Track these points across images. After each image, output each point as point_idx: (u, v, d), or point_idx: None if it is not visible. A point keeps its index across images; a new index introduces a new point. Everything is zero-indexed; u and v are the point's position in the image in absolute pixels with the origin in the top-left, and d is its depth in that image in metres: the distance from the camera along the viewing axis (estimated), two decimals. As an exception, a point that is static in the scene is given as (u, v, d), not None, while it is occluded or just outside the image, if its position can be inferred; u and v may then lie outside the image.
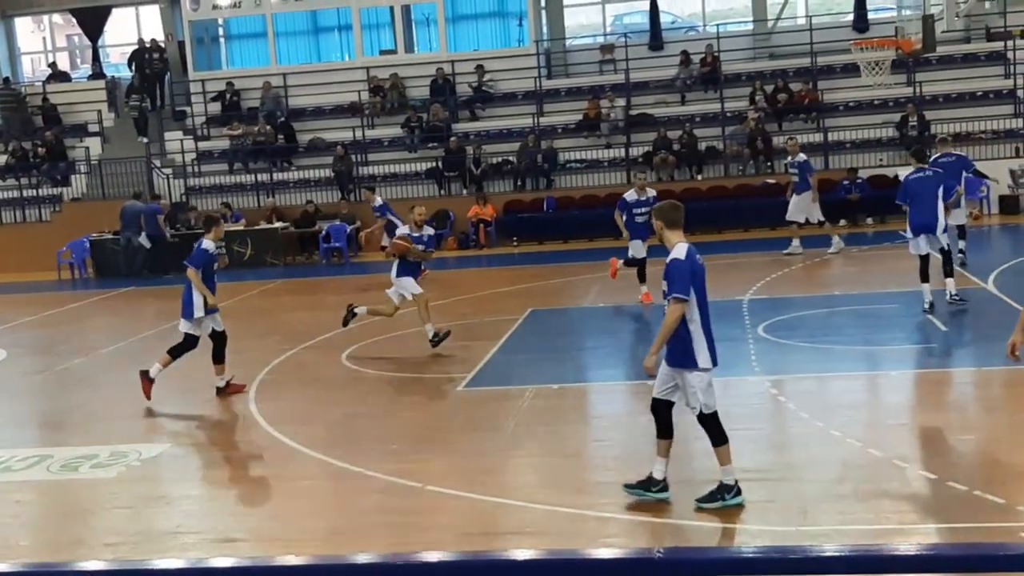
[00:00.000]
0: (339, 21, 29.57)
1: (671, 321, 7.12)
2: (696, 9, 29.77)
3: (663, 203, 7.60)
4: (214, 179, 26.53)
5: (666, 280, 7.23)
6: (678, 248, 7.23)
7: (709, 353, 7.25)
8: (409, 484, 8.26)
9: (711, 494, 7.28)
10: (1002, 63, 24.91)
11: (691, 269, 7.16)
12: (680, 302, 7.11)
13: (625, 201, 15.26)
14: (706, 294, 7.33)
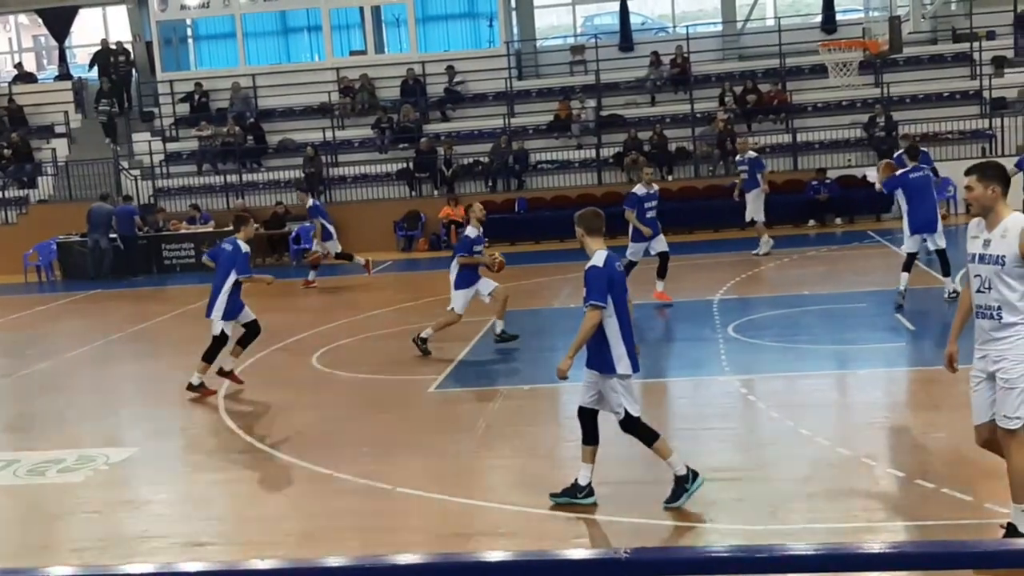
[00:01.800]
0: (308, 22, 29.44)
1: (587, 328, 7.17)
2: (666, 10, 29.87)
3: (584, 210, 7.65)
4: (183, 180, 26.36)
5: (586, 287, 7.29)
6: (597, 255, 7.28)
7: (629, 359, 7.26)
8: (380, 486, 8.23)
9: (673, 492, 7.31)
10: (968, 64, 25.16)
11: (609, 276, 7.22)
12: (597, 309, 7.14)
13: (636, 196, 14.65)
14: (626, 301, 7.38)
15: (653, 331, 13.74)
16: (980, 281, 6.08)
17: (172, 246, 23.81)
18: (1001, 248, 5.95)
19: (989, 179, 6.03)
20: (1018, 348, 5.98)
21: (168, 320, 17.55)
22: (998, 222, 6.01)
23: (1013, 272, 5.92)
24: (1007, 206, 6.08)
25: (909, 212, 13.53)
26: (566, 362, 7.29)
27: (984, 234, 6.08)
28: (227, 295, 11.42)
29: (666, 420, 10.13)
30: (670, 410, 10.58)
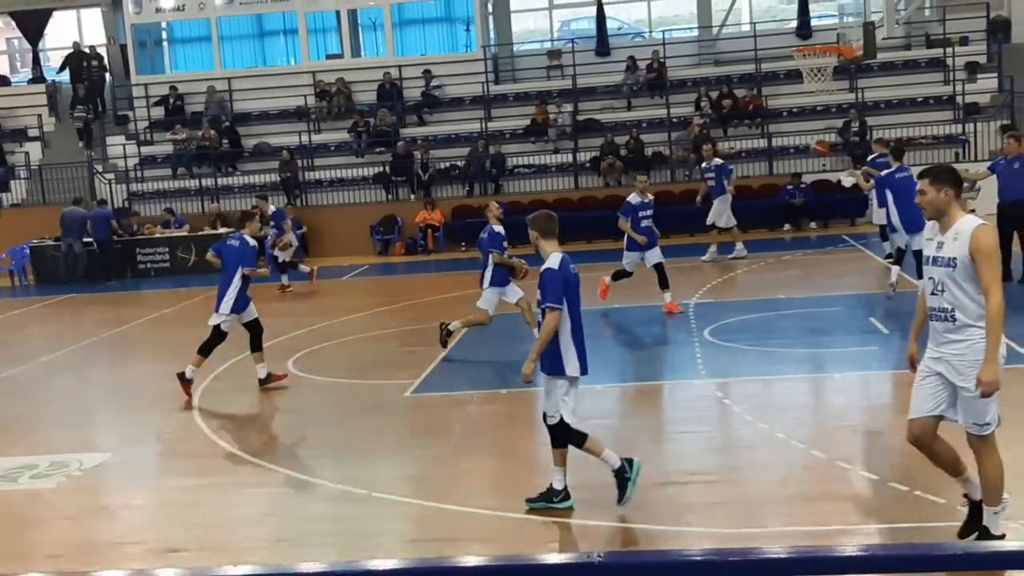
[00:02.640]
0: (284, 25, 29.38)
1: (547, 330, 7.20)
2: (642, 15, 29.96)
3: (538, 213, 7.70)
4: (157, 184, 26.23)
5: (540, 290, 7.33)
6: (552, 257, 7.33)
7: (579, 361, 7.30)
8: (356, 491, 8.21)
9: (619, 489, 7.37)
10: (941, 69, 25.37)
11: (564, 278, 7.26)
12: (555, 311, 7.19)
13: (630, 205, 14.47)
14: (579, 303, 7.44)
15: (630, 335, 13.77)
16: (934, 284, 6.12)
17: (147, 250, 23.68)
18: (953, 251, 5.99)
19: (942, 182, 6.07)
20: (974, 353, 5.99)
21: (142, 325, 17.45)
22: (951, 225, 6.05)
23: (965, 274, 5.95)
24: (960, 209, 6.13)
25: (897, 211, 13.85)
26: (529, 366, 7.31)
27: (938, 237, 6.11)
28: (236, 290, 11.50)
29: (643, 424, 10.16)
30: (646, 414, 10.60)
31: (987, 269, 5.92)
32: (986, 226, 6.04)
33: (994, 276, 5.94)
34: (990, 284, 5.91)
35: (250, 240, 11.68)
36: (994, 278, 5.93)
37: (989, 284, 5.91)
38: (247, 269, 11.52)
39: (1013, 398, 9.58)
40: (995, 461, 6.21)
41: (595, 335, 13.59)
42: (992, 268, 5.94)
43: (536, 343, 7.33)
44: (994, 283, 5.92)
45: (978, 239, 5.94)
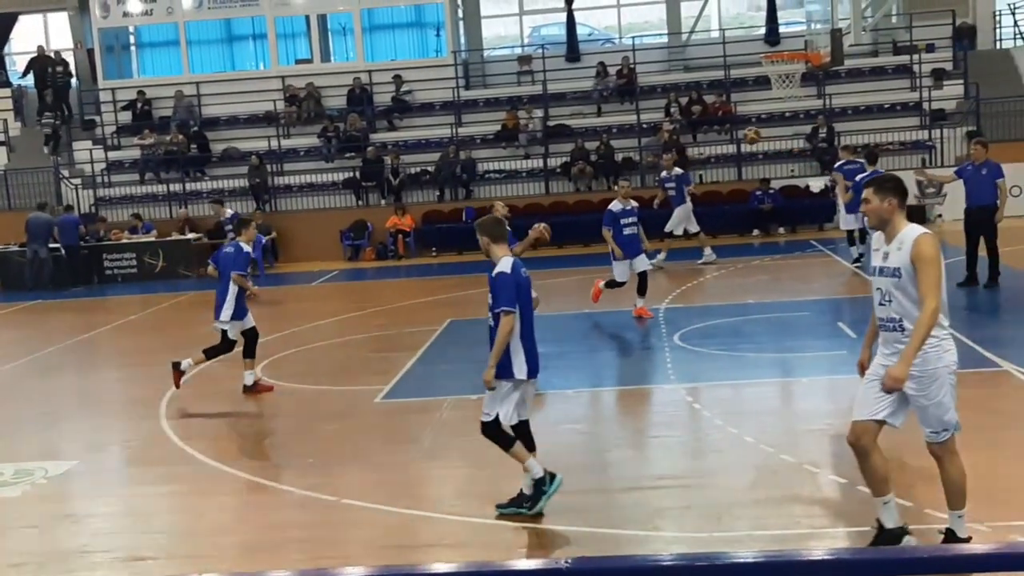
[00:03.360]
0: (253, 30, 29.26)
1: (504, 335, 7.20)
2: (612, 22, 30.06)
3: (486, 218, 7.73)
4: (125, 189, 26.03)
5: (492, 294, 7.33)
6: (503, 262, 7.34)
7: (527, 365, 7.31)
8: (324, 498, 8.16)
9: (531, 497, 7.37)
10: (908, 76, 25.63)
11: (516, 282, 7.28)
12: (509, 314, 7.20)
13: (612, 213, 14.21)
14: (531, 306, 7.46)
15: (601, 340, 13.79)
16: (881, 294, 6.12)
17: (114, 256, 23.48)
18: (897, 260, 5.98)
19: (886, 192, 6.07)
20: (926, 363, 5.98)
21: (109, 331, 17.29)
22: (895, 235, 6.04)
23: (910, 284, 5.94)
24: (904, 219, 6.11)
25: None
26: (490, 372, 7.28)
27: (883, 247, 6.11)
28: (234, 297, 11.47)
29: (613, 429, 10.17)
30: (617, 419, 10.62)
31: (925, 276, 5.89)
32: (928, 234, 6.03)
33: (932, 284, 5.88)
34: (927, 292, 5.87)
35: (244, 247, 11.64)
36: (931, 286, 5.88)
37: (926, 292, 5.87)
38: (235, 274, 11.45)
39: (980, 402, 9.69)
40: (957, 466, 6.24)
41: (565, 339, 13.63)
42: (930, 276, 5.89)
43: (494, 349, 7.29)
44: (931, 291, 5.87)
45: (918, 246, 5.93)
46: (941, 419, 6.09)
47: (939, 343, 6.04)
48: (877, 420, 6.17)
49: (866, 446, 6.22)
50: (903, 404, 6.17)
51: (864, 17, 21.16)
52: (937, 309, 5.88)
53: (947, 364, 6.06)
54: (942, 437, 6.15)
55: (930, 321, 5.86)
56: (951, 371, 6.08)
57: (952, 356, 6.08)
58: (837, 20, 20.63)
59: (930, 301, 5.87)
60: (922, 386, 6.04)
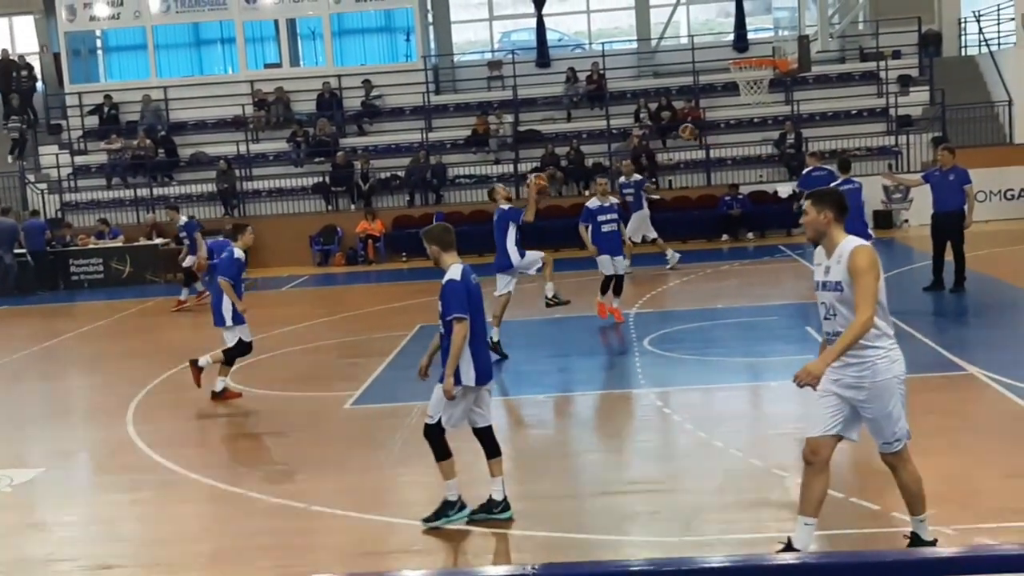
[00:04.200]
0: (222, 34, 29.09)
1: (458, 342, 7.20)
2: (582, 27, 30.14)
3: (434, 226, 7.75)
4: (91, 194, 25.83)
5: (442, 302, 7.34)
6: (453, 269, 7.36)
7: (475, 371, 7.31)
8: (294, 505, 8.12)
9: (436, 512, 7.38)
10: (875, 82, 25.86)
11: (466, 289, 7.30)
12: (462, 322, 7.21)
13: (589, 210, 14.23)
14: (482, 313, 7.48)
15: (570, 345, 13.80)
16: (825, 308, 6.10)
17: (80, 262, 23.26)
18: (837, 274, 5.97)
19: (822, 205, 6.07)
20: (873, 376, 5.97)
21: (75, 337, 17.13)
22: (834, 248, 6.04)
23: (851, 297, 5.91)
24: (842, 232, 6.10)
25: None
26: (448, 381, 7.24)
27: (825, 261, 6.10)
28: (230, 301, 11.43)
29: (582, 433, 10.18)
30: (586, 423, 10.63)
31: (859, 287, 5.85)
32: (863, 246, 6.00)
33: (866, 295, 5.83)
34: (860, 301, 5.84)
35: (237, 252, 11.54)
36: (866, 296, 5.83)
37: (860, 301, 5.84)
38: (223, 278, 11.42)
39: (946, 405, 9.78)
40: (912, 472, 6.24)
41: (536, 344, 13.65)
42: (864, 287, 5.84)
43: (449, 357, 7.25)
44: (865, 300, 5.83)
45: (854, 258, 5.91)
46: (893, 430, 6.08)
47: (887, 354, 6.02)
48: (833, 435, 6.13)
49: (822, 462, 6.16)
50: (856, 417, 6.14)
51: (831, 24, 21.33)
52: (870, 320, 5.83)
53: (896, 375, 6.04)
54: (895, 447, 6.16)
55: (860, 330, 5.81)
56: (900, 381, 6.07)
57: (900, 367, 6.06)
58: (804, 27, 20.80)
59: (863, 311, 5.82)
60: (871, 398, 6.02)
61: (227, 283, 11.36)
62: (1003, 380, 10.04)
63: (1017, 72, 24.16)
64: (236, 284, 11.48)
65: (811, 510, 6.19)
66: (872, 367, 5.98)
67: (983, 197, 20.96)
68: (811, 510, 6.19)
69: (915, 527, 6.37)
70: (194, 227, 19.00)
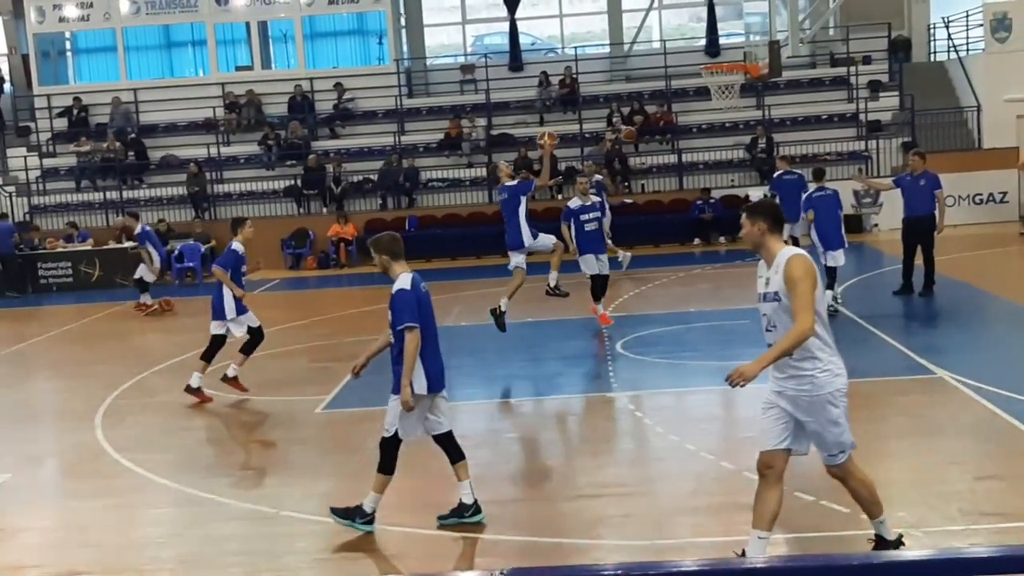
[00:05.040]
0: (193, 36, 28.91)
1: (412, 352, 7.18)
2: (555, 31, 30.17)
3: (382, 235, 7.71)
4: (60, 197, 25.59)
5: (392, 311, 7.32)
6: (402, 278, 7.34)
7: (427, 380, 7.30)
8: (264, 510, 8.07)
9: (347, 513, 7.40)
10: (845, 88, 26.04)
11: (416, 298, 7.27)
12: (413, 331, 7.19)
13: (570, 209, 14.19)
14: (433, 321, 7.44)
15: (543, 349, 13.79)
16: (767, 320, 6.09)
17: (48, 265, 23.05)
18: (776, 284, 5.96)
19: (755, 217, 6.06)
20: (816, 388, 5.94)
21: (43, 341, 16.96)
22: (772, 259, 6.03)
23: (789, 307, 5.89)
24: (779, 242, 6.08)
25: (816, 229, 14.43)
26: (406, 392, 7.20)
27: (765, 273, 6.09)
28: (231, 294, 11.50)
29: (555, 437, 10.18)
30: (559, 427, 10.62)
31: (796, 296, 5.83)
32: (798, 255, 5.97)
33: (804, 302, 5.80)
34: (799, 309, 5.81)
35: (235, 245, 11.66)
36: (804, 303, 5.80)
37: (798, 309, 5.82)
38: (216, 267, 11.53)
39: (915, 409, 9.85)
40: (860, 479, 6.22)
41: (508, 348, 13.63)
42: (801, 294, 5.82)
43: (404, 367, 7.21)
44: (803, 308, 5.79)
45: (788, 268, 5.89)
46: (837, 442, 6.05)
47: (827, 367, 5.97)
48: (783, 449, 6.09)
49: (776, 475, 6.14)
50: (802, 431, 6.10)
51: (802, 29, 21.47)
52: (810, 327, 5.80)
53: (838, 388, 5.99)
54: (839, 460, 6.13)
55: (799, 336, 5.78)
56: (843, 394, 6.02)
57: (842, 380, 6.02)
58: (775, 32, 20.91)
59: (803, 318, 5.79)
60: (812, 412, 5.99)
61: (220, 271, 11.46)
62: (972, 383, 10.12)
63: (985, 78, 24.41)
64: (235, 275, 11.54)
65: (765, 524, 6.14)
66: (812, 380, 5.95)
67: (952, 202, 21.16)
68: (765, 524, 6.14)
69: (877, 529, 6.39)
70: (144, 239, 18.67)
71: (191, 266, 22.96)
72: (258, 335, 11.79)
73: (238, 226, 11.94)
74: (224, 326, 11.64)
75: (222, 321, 11.62)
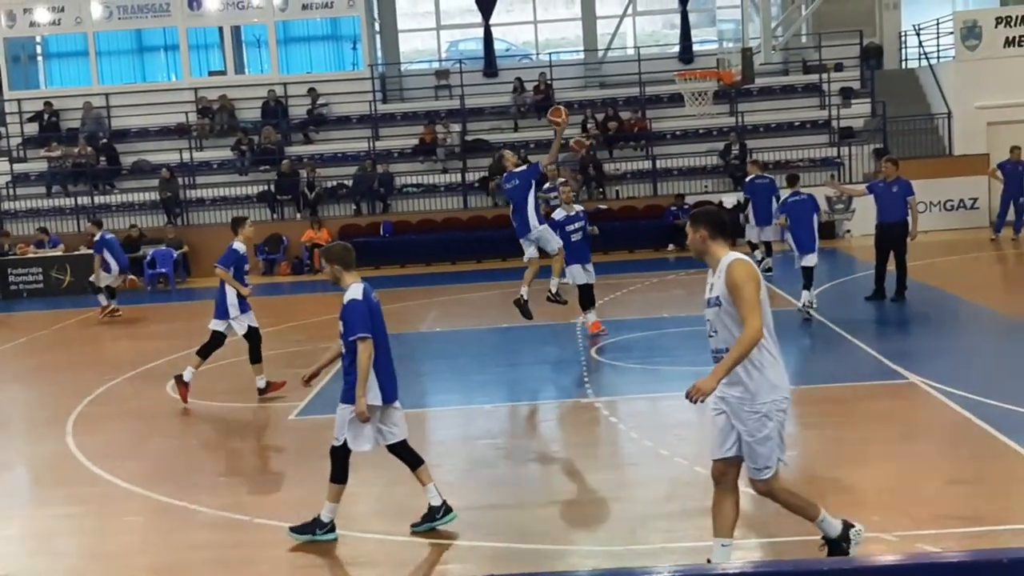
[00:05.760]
0: (165, 41, 28.78)
1: (364, 362, 7.15)
2: (529, 38, 30.22)
3: (333, 245, 7.70)
4: (31, 203, 25.38)
5: (343, 322, 7.30)
6: (353, 288, 7.32)
7: (380, 390, 7.29)
8: (238, 517, 8.02)
9: (304, 527, 7.38)
10: (818, 95, 26.23)
11: (368, 308, 7.25)
12: (365, 341, 7.17)
13: (555, 221, 13.95)
14: (385, 331, 7.42)
15: (518, 354, 13.80)
16: (710, 325, 6.07)
17: (19, 271, 22.85)
18: (718, 289, 5.95)
19: (697, 224, 6.08)
20: (753, 399, 5.90)
21: (14, 348, 16.80)
22: (716, 264, 6.03)
23: (731, 312, 5.88)
24: (722, 247, 6.07)
25: (791, 233, 14.78)
26: (361, 403, 7.17)
27: (711, 278, 6.08)
28: (234, 292, 11.57)
29: (529, 443, 10.17)
30: (533, 433, 10.62)
31: (740, 300, 5.82)
32: (739, 260, 5.95)
33: (750, 305, 5.78)
34: (746, 313, 5.79)
35: (236, 244, 11.74)
36: (750, 307, 5.78)
37: (745, 313, 5.80)
38: (219, 266, 11.54)
39: (887, 414, 9.91)
40: (785, 491, 6.14)
41: (484, 354, 13.63)
42: (746, 298, 5.79)
43: (358, 379, 7.17)
44: (750, 311, 5.77)
45: (729, 272, 5.89)
46: (766, 455, 5.96)
47: (767, 378, 5.92)
48: (731, 457, 6.05)
49: (729, 482, 6.11)
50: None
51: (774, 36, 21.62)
52: (759, 330, 5.77)
53: (775, 400, 5.94)
54: (764, 475, 6.02)
55: (750, 341, 5.75)
56: (780, 408, 5.96)
57: (781, 393, 5.96)
58: (748, 39, 21.03)
59: (750, 321, 5.77)
60: (748, 423, 5.94)
61: (222, 270, 11.52)
62: (943, 388, 10.20)
63: (956, 85, 24.65)
64: (237, 274, 11.64)
65: (725, 531, 6.11)
66: (750, 389, 5.91)
67: (923, 208, 21.31)
68: (725, 531, 6.11)
69: (820, 528, 6.29)
70: (101, 247, 18.48)
71: (163, 272, 22.82)
72: (255, 338, 11.76)
73: (238, 225, 12.02)
74: (226, 324, 11.68)
75: (224, 320, 11.66)
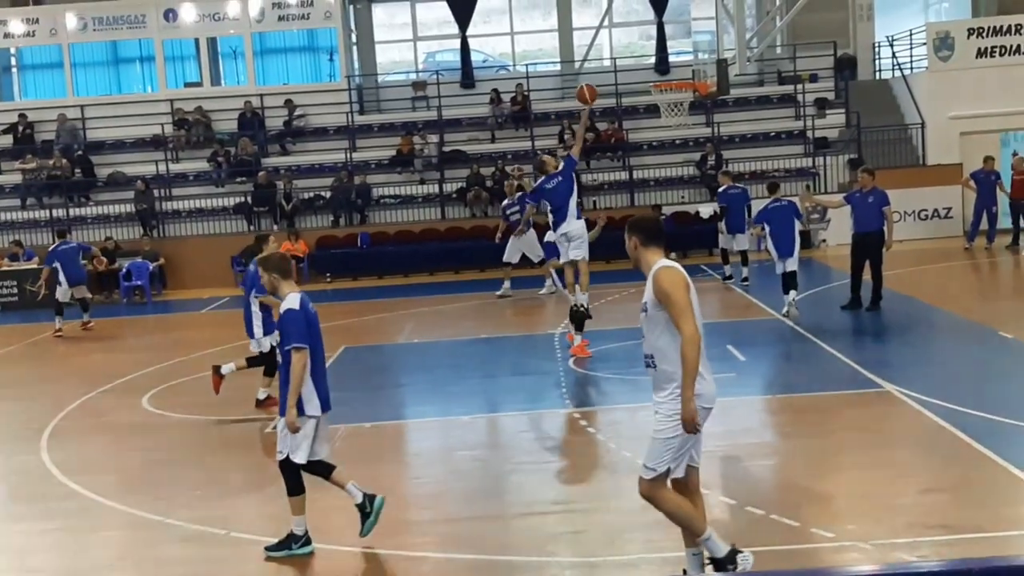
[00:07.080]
0: (141, 52, 28.66)
1: (298, 372, 7.12)
2: (506, 49, 30.26)
3: (272, 255, 7.76)
4: (5, 215, 25.20)
5: (280, 331, 7.30)
6: (290, 298, 7.30)
7: (319, 400, 7.27)
8: (213, 531, 7.96)
9: (280, 543, 7.35)
10: (793, 105, 26.39)
11: (305, 318, 7.25)
12: (301, 351, 7.14)
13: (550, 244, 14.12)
14: (321, 341, 7.42)
15: (495, 365, 13.78)
16: (642, 333, 6.11)
17: (-7, 284, 22.64)
18: (646, 296, 6.00)
19: (631, 233, 6.14)
20: (672, 405, 5.91)
21: (-13, 362, 16.63)
22: (648, 271, 6.07)
23: (654, 319, 5.92)
24: (655, 254, 6.11)
25: (771, 239, 15.14)
26: (291, 413, 7.13)
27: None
28: (259, 311, 11.43)
29: (507, 454, 10.15)
30: (511, 444, 10.60)
31: (670, 306, 5.84)
32: (665, 267, 5.98)
33: (680, 310, 5.80)
34: (678, 319, 5.80)
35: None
36: (681, 311, 5.80)
37: (677, 319, 5.81)
38: (259, 295, 11.27)
39: (862, 422, 9.96)
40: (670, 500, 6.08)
41: (461, 365, 13.60)
42: (676, 303, 5.81)
43: (291, 388, 7.13)
44: (681, 316, 5.79)
45: (655, 281, 5.92)
46: (658, 457, 5.95)
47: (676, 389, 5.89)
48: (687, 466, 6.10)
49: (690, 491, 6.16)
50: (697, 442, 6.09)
51: (749, 48, 21.73)
52: (694, 331, 5.79)
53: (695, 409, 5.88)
54: (646, 474, 6.02)
55: (692, 345, 5.74)
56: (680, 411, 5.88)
57: (700, 402, 5.89)
58: (723, 50, 21.14)
59: (684, 326, 5.79)
60: (657, 415, 5.98)
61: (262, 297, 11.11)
62: (918, 396, 10.26)
63: (929, 95, 24.85)
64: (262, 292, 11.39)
65: (697, 530, 6.15)
66: (671, 397, 5.92)
67: (897, 217, 21.45)
68: (697, 530, 6.15)
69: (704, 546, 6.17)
70: (52, 259, 18.36)
71: (139, 284, 22.68)
72: (269, 355, 11.59)
73: (262, 242, 11.95)
74: (258, 343, 11.60)
75: (254, 340, 11.60)
